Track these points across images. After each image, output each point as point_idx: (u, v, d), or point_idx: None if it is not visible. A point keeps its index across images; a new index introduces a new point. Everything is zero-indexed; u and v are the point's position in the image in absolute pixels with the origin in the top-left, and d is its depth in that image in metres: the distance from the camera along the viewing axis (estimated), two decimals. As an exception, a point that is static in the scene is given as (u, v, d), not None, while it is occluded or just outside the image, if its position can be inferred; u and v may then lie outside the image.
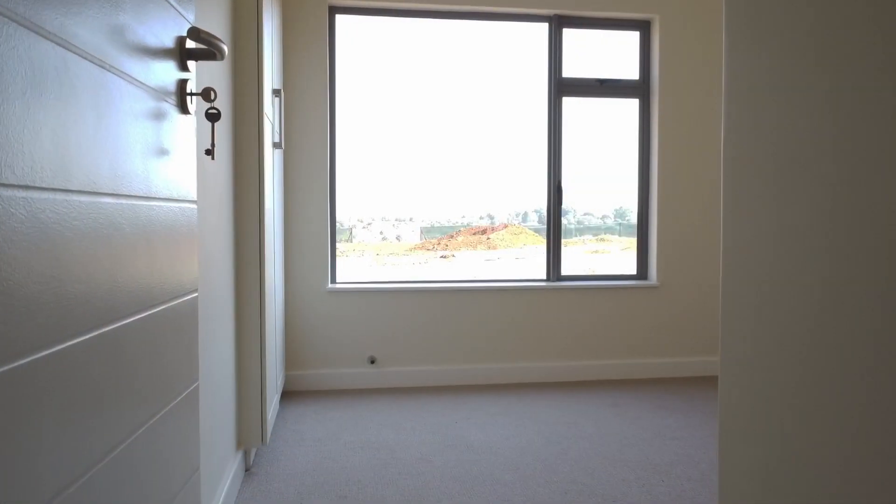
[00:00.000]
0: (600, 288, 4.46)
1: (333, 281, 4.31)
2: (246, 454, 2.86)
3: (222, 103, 2.47)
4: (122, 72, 1.00)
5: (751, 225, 1.03)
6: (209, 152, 1.35)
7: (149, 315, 1.04)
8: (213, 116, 1.33)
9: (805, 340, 0.95)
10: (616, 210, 4.80)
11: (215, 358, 2.26)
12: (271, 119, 3.24)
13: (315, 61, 4.11)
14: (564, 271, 4.57)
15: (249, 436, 2.82)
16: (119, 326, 0.93)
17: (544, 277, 4.56)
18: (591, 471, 2.87)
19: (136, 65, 1.05)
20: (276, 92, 3.38)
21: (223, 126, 2.49)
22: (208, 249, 2.15)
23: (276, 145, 3.39)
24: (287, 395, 4.03)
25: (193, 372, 1.26)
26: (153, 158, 1.10)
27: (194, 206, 1.30)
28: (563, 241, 4.55)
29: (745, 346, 1.06)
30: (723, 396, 1.11)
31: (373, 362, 4.22)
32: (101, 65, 0.93)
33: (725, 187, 1.06)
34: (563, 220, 4.55)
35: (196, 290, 1.29)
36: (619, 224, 4.81)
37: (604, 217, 4.78)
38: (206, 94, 1.25)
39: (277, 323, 3.61)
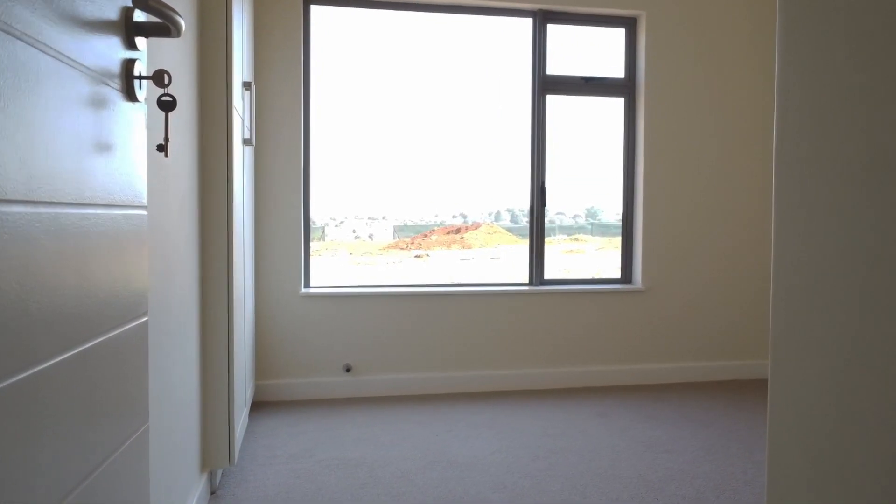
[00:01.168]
0: (585, 292, 4.31)
1: (307, 285, 4.10)
2: (211, 476, 2.65)
3: (187, 95, 2.25)
4: (47, 46, 0.80)
5: (805, 232, 0.96)
6: (162, 147, 1.15)
7: (80, 352, 0.84)
8: (167, 105, 1.12)
9: (853, 349, 0.91)
10: (588, 210, 4.67)
11: (175, 376, 2.04)
12: (241, 113, 3.02)
13: (289, 53, 3.89)
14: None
15: (215, 456, 2.61)
16: (35, 373, 0.73)
17: (526, 281, 4.39)
18: (583, 489, 2.70)
19: (68, 39, 0.85)
20: (246, 85, 3.16)
21: (187, 120, 2.27)
22: (167, 257, 1.93)
23: (246, 142, 3.17)
24: (258, 406, 3.81)
25: (141, 412, 1.06)
26: (89, 155, 0.89)
27: (144, 211, 1.10)
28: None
29: (793, 355, 1.01)
30: (773, 405, 1.05)
31: (348, 370, 4.02)
32: (20, 37, 0.73)
33: (778, 190, 0.97)
34: (528, 222, 4.38)
35: (145, 314, 1.09)
36: (591, 224, 4.69)
37: (575, 217, 4.64)
38: (159, 77, 1.05)
39: (247, 331, 3.39)
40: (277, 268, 3.94)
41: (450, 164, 4.41)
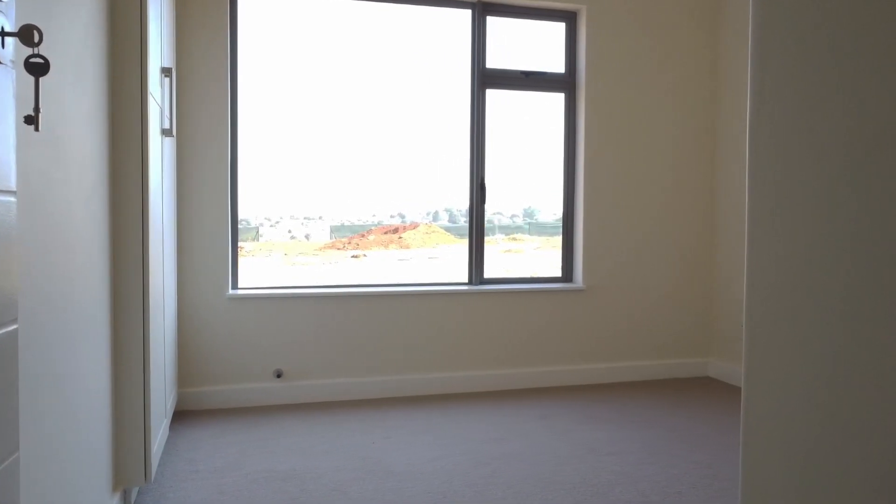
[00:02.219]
0: (525, 291, 4.22)
1: (235, 286, 3.87)
2: (125, 495, 2.42)
3: (94, 77, 2.03)
4: None
5: (777, 233, 0.93)
6: (31, 120, 0.96)
7: None
8: (37, 68, 0.94)
9: (832, 350, 0.89)
10: (525, 210, 4.60)
11: (76, 388, 1.83)
12: (159, 101, 2.79)
13: (214, 38, 3.66)
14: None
15: (129, 473, 2.38)
16: None
17: (466, 281, 4.27)
18: (526, 497, 2.59)
19: None
20: (165, 70, 2.93)
21: (95, 104, 2.05)
22: (66, 255, 1.72)
23: (165, 132, 2.94)
24: (180, 416, 3.57)
25: (8, 438, 0.88)
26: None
27: (10, 198, 0.91)
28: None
29: (769, 358, 0.97)
30: (747, 408, 1.01)
31: (279, 376, 3.81)
32: None
33: (751, 193, 0.95)
34: (468, 220, 4.27)
35: (13, 321, 0.91)
36: (529, 223, 4.62)
37: (513, 217, 4.56)
38: (27, 35, 0.86)
39: (168, 335, 3.15)
40: (202, 268, 3.70)
41: (387, 161, 4.25)
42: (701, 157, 4.48)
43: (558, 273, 4.46)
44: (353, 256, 4.62)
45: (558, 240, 4.53)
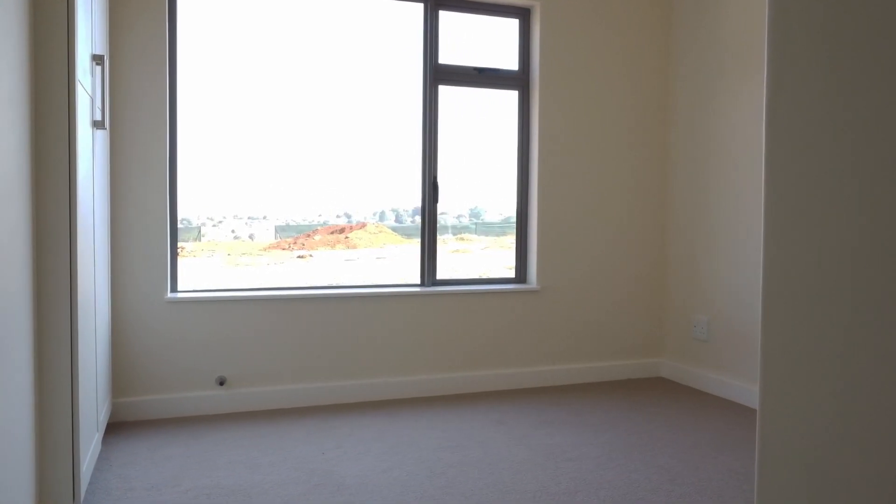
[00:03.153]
0: (479, 293, 4.12)
1: (174, 289, 3.66)
2: (50, 518, 2.21)
3: (11, 64, 1.84)
4: None
5: (795, 235, 0.87)
6: None
7: None
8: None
9: (847, 354, 0.84)
10: (472, 210, 4.52)
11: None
12: (90, 91, 2.59)
13: (151, 27, 3.44)
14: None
15: (55, 493, 2.18)
16: None
17: (418, 282, 4.15)
18: (484, 508, 2.49)
19: None
20: (96, 58, 2.73)
21: (12, 91, 1.85)
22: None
23: (96, 124, 2.73)
24: (115, 428, 3.34)
25: None
26: None
27: None
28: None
29: (786, 363, 0.91)
30: (763, 420, 0.94)
31: (222, 384, 3.61)
32: None
33: (768, 196, 0.88)
34: (420, 219, 4.16)
35: None
36: (475, 223, 4.54)
37: (460, 216, 4.47)
38: None
39: (101, 342, 2.94)
40: (138, 270, 3.48)
41: (334, 159, 4.10)
42: (656, 157, 4.46)
43: (509, 273, 4.38)
44: (298, 257, 4.46)
45: (506, 240, 4.46)
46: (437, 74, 4.07)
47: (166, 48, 3.48)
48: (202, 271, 4.05)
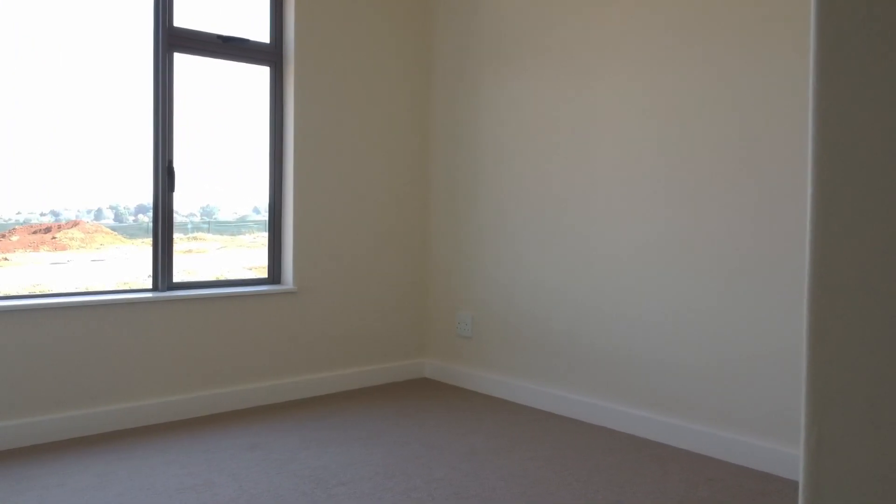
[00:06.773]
0: (225, 296, 3.56)
1: None
2: None
3: None
4: None
5: (846, 234, 0.80)
6: None
7: None
8: None
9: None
10: (203, 208, 3.97)
11: None
12: None
13: None
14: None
15: None
16: None
17: (150, 287, 3.47)
18: (244, 562, 2.01)
19: None
20: None
21: None
22: None
23: None
24: None
25: None
26: None
27: None
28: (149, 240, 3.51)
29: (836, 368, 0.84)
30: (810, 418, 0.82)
31: None
32: None
33: (815, 190, 0.81)
34: (141, 219, 3.50)
35: None
36: (208, 223, 4.00)
37: (189, 215, 3.90)
38: None
39: None
40: None
41: (37, 146, 3.27)
42: (415, 148, 4.25)
43: (251, 274, 3.89)
44: (-11, 261, 3.56)
45: (243, 238, 3.98)
46: (173, 39, 3.43)
47: None
48: None
